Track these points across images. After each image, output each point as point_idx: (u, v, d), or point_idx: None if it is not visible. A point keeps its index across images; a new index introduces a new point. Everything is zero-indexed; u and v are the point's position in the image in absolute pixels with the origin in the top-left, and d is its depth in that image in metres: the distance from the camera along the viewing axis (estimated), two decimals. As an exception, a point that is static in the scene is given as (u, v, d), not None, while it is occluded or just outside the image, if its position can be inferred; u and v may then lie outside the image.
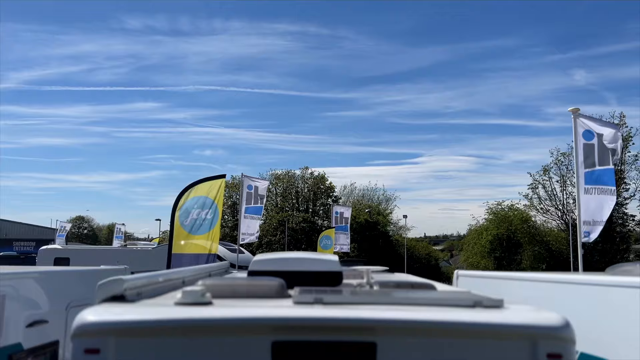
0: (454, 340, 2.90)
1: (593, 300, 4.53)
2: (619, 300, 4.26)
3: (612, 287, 4.38)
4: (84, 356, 2.81)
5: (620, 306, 4.23)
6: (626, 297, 4.16)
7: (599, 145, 10.16)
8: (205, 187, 12.85)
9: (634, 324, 4.00)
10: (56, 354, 5.67)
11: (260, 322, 2.91)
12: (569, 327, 2.93)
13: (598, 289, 4.52)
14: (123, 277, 3.22)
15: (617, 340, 4.23)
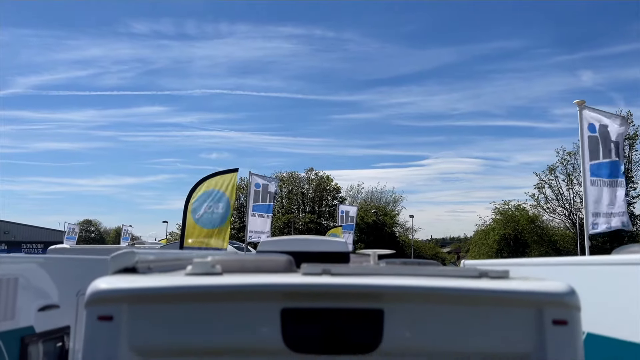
0: (460, 308, 2.94)
1: (599, 280, 4.55)
2: (625, 278, 4.29)
3: (617, 266, 4.40)
4: (98, 323, 2.87)
5: (626, 284, 4.26)
6: (631, 274, 4.19)
7: (603, 138, 10.18)
8: (218, 181, 12.98)
9: (639, 301, 4.02)
10: (67, 339, 5.75)
11: (270, 289, 2.97)
12: (574, 294, 2.96)
13: (604, 268, 4.54)
14: (135, 250, 3.28)
15: (623, 319, 4.25)
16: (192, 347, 2.90)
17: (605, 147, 10.23)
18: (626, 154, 10.57)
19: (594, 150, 10.17)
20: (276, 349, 2.89)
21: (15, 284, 4.77)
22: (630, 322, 4.14)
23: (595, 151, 10.18)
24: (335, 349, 2.90)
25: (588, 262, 4.82)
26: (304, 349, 2.89)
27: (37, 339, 5.12)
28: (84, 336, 2.89)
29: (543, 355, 2.89)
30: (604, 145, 10.20)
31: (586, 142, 10.13)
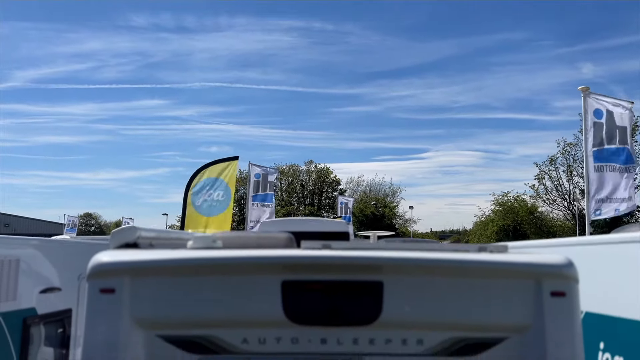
0: (459, 280, 2.96)
1: (597, 259, 4.57)
2: (622, 256, 4.32)
3: (615, 244, 4.43)
4: (99, 296, 2.89)
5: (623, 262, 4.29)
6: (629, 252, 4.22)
7: (608, 124, 10.19)
8: (218, 168, 13.02)
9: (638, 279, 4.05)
10: (69, 321, 5.79)
11: (270, 261, 2.99)
12: (573, 266, 2.98)
13: (601, 247, 4.57)
14: (136, 226, 3.30)
15: (622, 297, 4.29)
16: (194, 319, 2.92)
17: (610, 133, 10.25)
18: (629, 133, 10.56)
19: (598, 136, 10.19)
20: (277, 320, 2.91)
21: (16, 265, 4.79)
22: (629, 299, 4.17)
23: (599, 137, 10.19)
24: (336, 320, 2.93)
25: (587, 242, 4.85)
26: (305, 321, 2.91)
27: (39, 321, 5.15)
28: (86, 309, 2.91)
29: (541, 326, 2.91)
30: (608, 131, 10.21)
31: (590, 128, 10.13)
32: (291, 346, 2.93)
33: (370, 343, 2.94)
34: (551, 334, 2.90)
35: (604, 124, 10.25)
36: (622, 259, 4.34)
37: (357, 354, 2.93)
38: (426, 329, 2.94)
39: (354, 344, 2.94)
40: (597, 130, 10.23)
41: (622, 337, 4.18)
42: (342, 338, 2.94)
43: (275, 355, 2.92)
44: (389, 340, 2.94)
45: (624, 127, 10.32)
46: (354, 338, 2.94)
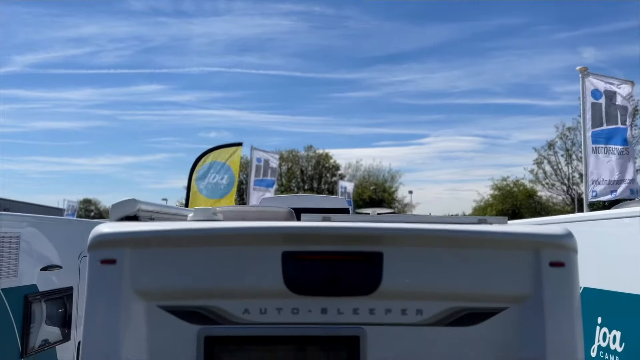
0: (459, 250, 2.97)
1: (594, 235, 4.59)
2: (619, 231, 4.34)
3: (612, 220, 4.45)
4: (101, 267, 2.90)
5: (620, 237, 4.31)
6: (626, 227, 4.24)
7: (607, 104, 10.16)
8: (222, 153, 13.08)
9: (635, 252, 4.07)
10: (70, 299, 5.82)
11: (271, 232, 2.99)
12: (572, 237, 2.99)
13: (598, 223, 4.59)
14: (136, 199, 3.30)
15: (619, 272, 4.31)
16: (195, 290, 2.93)
17: (609, 114, 10.22)
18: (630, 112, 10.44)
19: (597, 117, 10.16)
20: (278, 291, 2.92)
21: (17, 241, 4.81)
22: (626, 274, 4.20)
23: (598, 118, 10.16)
24: (336, 291, 2.94)
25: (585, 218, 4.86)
26: (305, 291, 2.93)
27: (40, 298, 5.18)
28: (87, 280, 2.92)
29: (540, 297, 2.93)
30: (608, 111, 10.18)
31: (589, 109, 10.10)
32: (292, 316, 2.95)
33: (370, 313, 2.96)
34: (550, 304, 2.92)
35: (603, 104, 10.22)
36: (618, 234, 4.36)
37: (357, 323, 2.95)
38: (426, 299, 2.96)
39: (354, 314, 2.95)
40: (596, 111, 10.19)
41: (619, 311, 4.21)
42: (342, 308, 2.95)
43: (276, 325, 2.94)
44: (389, 311, 2.96)
45: (623, 106, 10.29)
46: (354, 308, 2.96)
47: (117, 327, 2.85)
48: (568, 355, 2.90)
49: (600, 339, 4.40)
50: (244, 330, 2.93)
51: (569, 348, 2.91)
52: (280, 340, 2.95)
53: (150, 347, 2.89)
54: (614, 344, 4.22)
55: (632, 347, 4.03)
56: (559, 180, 43.17)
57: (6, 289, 4.67)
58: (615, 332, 4.22)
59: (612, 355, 4.24)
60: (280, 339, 2.95)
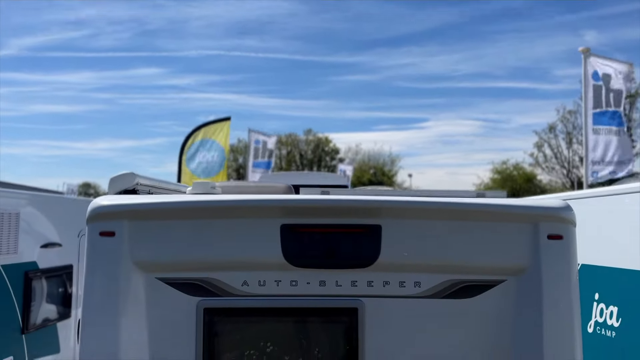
0: (457, 223, 2.98)
1: (591, 212, 4.60)
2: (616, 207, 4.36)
3: (607, 197, 4.46)
4: (100, 239, 2.91)
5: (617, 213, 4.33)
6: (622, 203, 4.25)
7: (606, 86, 10.12)
8: (211, 130, 13.01)
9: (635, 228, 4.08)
10: (70, 277, 5.85)
11: (270, 204, 3.00)
12: (570, 210, 2.99)
13: (595, 200, 4.60)
14: (135, 173, 3.30)
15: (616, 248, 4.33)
16: (194, 261, 2.94)
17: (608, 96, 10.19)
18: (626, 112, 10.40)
19: (597, 98, 10.13)
20: (276, 263, 2.94)
21: (16, 218, 4.82)
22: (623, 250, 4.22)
23: (598, 99, 10.14)
24: (334, 263, 2.96)
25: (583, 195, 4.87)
26: (303, 264, 2.94)
27: (40, 275, 5.20)
28: (86, 252, 2.93)
29: (538, 269, 2.94)
30: (607, 93, 10.15)
31: (590, 90, 10.08)
32: (290, 288, 2.96)
33: (369, 285, 2.97)
34: (548, 276, 2.93)
35: (603, 86, 10.19)
36: (615, 211, 4.38)
37: (355, 295, 2.97)
38: (424, 271, 2.97)
39: (352, 286, 2.97)
40: (596, 93, 10.17)
41: (616, 287, 4.23)
42: (340, 280, 2.97)
43: (275, 297, 2.96)
44: (387, 283, 2.97)
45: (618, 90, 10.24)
46: (352, 280, 2.97)
47: (117, 299, 2.86)
48: (565, 327, 2.92)
49: (598, 315, 4.43)
50: (243, 302, 2.95)
51: (566, 320, 2.93)
52: (279, 312, 2.98)
53: (149, 319, 2.91)
54: (611, 320, 4.25)
55: (628, 322, 4.06)
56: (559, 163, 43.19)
57: (6, 265, 4.69)
58: (612, 308, 4.25)
59: (608, 330, 4.27)
60: (279, 311, 2.98)
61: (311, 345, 3.02)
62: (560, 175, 43.76)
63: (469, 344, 2.96)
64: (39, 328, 5.18)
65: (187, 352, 2.91)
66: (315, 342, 3.01)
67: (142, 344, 2.89)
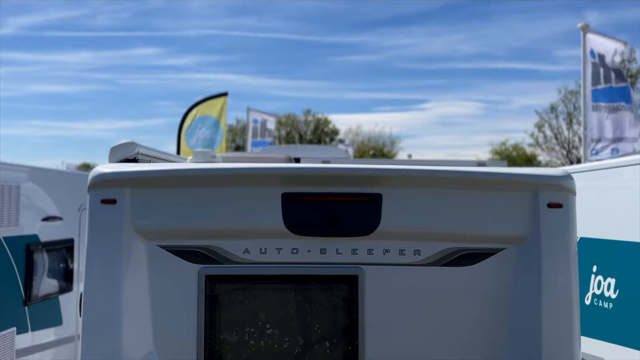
0: (457, 191, 2.99)
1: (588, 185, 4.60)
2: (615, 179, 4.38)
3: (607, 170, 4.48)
4: (101, 207, 2.92)
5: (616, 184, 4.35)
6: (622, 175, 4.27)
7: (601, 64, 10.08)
8: (208, 106, 13.00)
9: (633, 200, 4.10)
10: (71, 251, 5.89)
11: (271, 172, 3.01)
12: (570, 178, 3.01)
13: (591, 174, 4.61)
14: (135, 142, 3.30)
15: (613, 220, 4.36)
16: (195, 229, 2.96)
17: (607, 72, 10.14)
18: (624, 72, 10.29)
19: (596, 75, 10.08)
20: (277, 231, 2.96)
21: (17, 191, 4.83)
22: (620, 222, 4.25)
23: (597, 76, 10.09)
24: (334, 231, 2.98)
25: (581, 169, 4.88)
26: (304, 232, 2.96)
27: (42, 248, 5.23)
28: (87, 220, 2.94)
29: (537, 237, 2.97)
30: (606, 70, 10.11)
31: (589, 67, 10.03)
32: (291, 256, 2.99)
33: (369, 253, 3.00)
34: (547, 245, 2.95)
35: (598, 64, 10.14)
36: (613, 183, 4.39)
37: (355, 263, 2.99)
38: (424, 239, 3.00)
39: (352, 254, 3.00)
40: (595, 69, 10.12)
41: (614, 259, 4.27)
42: (341, 248, 2.99)
43: (276, 264, 2.99)
44: (387, 251, 3.00)
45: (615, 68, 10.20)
46: (352, 248, 3.00)
47: (119, 267, 2.88)
48: (564, 295, 2.95)
49: (595, 287, 4.47)
50: (244, 270, 2.98)
51: (565, 288, 2.96)
52: (280, 279, 3.01)
53: (151, 287, 2.93)
54: (608, 291, 4.29)
55: (625, 293, 4.11)
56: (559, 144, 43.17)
57: (7, 237, 4.72)
58: (610, 280, 4.29)
59: (606, 302, 4.32)
60: (280, 278, 3.00)
61: (311, 312, 3.05)
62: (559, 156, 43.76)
63: (468, 311, 2.99)
64: (41, 300, 5.23)
65: (189, 319, 2.94)
66: (316, 310, 3.04)
67: (144, 311, 2.92)
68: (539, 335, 2.90)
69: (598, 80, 10.12)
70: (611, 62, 10.11)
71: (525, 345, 2.93)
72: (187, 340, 2.92)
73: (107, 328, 2.84)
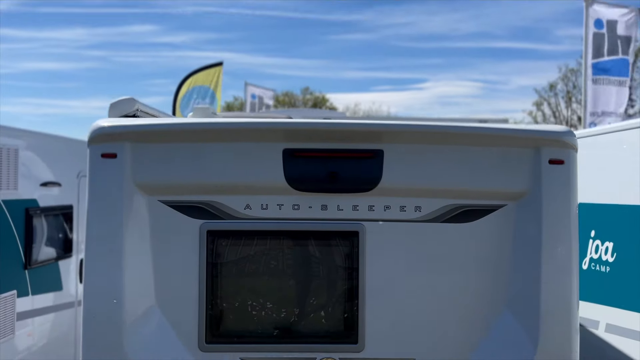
0: (459, 147, 2.99)
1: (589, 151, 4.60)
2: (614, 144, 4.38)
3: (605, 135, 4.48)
4: (101, 161, 2.90)
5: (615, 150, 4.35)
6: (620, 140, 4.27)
7: (609, 34, 9.98)
8: (203, 76, 12.94)
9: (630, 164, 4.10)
10: (71, 218, 5.88)
11: (273, 127, 3.00)
12: (572, 134, 3.00)
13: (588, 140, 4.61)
14: (135, 98, 3.28)
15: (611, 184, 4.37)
16: (197, 184, 2.95)
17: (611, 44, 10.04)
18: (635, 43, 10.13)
19: (599, 47, 9.99)
20: (279, 187, 2.95)
21: (15, 154, 4.81)
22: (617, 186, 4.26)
23: (600, 49, 9.99)
24: (336, 188, 2.98)
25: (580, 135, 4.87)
26: (306, 188, 2.96)
27: (40, 213, 5.23)
28: (88, 175, 2.93)
29: (538, 194, 2.97)
30: (610, 41, 10.00)
31: (590, 39, 9.94)
32: (292, 212, 2.99)
33: (370, 210, 3.00)
34: (548, 201, 2.96)
35: (605, 34, 10.04)
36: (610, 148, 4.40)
37: (356, 220, 3.00)
38: (424, 196, 3.00)
39: (353, 211, 3.00)
40: (598, 41, 10.02)
41: (612, 223, 4.29)
42: (342, 205, 3.00)
43: (277, 220, 2.99)
44: (388, 207, 3.00)
45: (626, 36, 10.11)
46: (353, 205, 3.00)
47: (119, 221, 2.88)
48: (564, 251, 2.97)
49: (593, 252, 4.50)
50: (245, 225, 2.99)
51: (565, 245, 2.97)
52: (281, 235, 3.01)
53: (152, 241, 2.94)
54: (606, 255, 4.32)
55: (622, 256, 4.14)
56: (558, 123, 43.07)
57: (7, 200, 4.71)
58: (607, 244, 4.32)
59: (603, 265, 4.35)
60: (281, 234, 3.01)
61: (312, 268, 3.07)
62: (557, 135, 43.61)
63: (468, 267, 3.01)
64: (40, 265, 5.24)
65: (191, 274, 2.95)
66: (317, 265, 3.06)
67: (146, 265, 2.93)
68: (538, 290, 2.92)
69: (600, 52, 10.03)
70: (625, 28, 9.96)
71: (524, 300, 2.95)
72: (188, 295, 2.94)
73: (109, 282, 2.85)
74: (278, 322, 3.01)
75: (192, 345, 2.92)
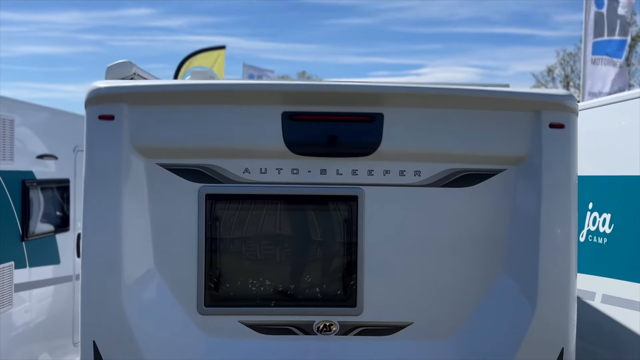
0: (459, 111, 2.97)
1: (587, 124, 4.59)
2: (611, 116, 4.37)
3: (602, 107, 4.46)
4: (99, 122, 2.88)
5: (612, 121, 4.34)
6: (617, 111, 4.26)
7: (609, 13, 9.92)
8: (204, 57, 12.81)
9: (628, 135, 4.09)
10: (67, 191, 5.86)
11: (272, 89, 2.97)
12: (572, 98, 2.99)
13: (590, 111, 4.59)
14: (132, 62, 3.24)
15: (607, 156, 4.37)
16: (195, 147, 2.93)
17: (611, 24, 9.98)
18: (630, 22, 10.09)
19: (599, 27, 9.92)
20: (278, 151, 2.94)
21: (11, 125, 4.77)
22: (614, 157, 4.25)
23: (600, 28, 9.93)
24: (335, 152, 2.96)
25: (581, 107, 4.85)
26: (305, 152, 2.94)
27: (37, 185, 5.20)
28: (85, 137, 2.91)
29: (538, 158, 2.96)
30: (610, 21, 9.94)
31: (591, 18, 9.87)
32: (291, 176, 2.98)
33: (369, 174, 2.99)
34: (548, 165, 2.95)
35: (605, 13, 9.98)
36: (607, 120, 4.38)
37: (355, 184, 2.99)
38: (424, 160, 2.99)
39: (352, 175, 2.99)
40: (598, 21, 9.95)
41: (610, 194, 4.29)
42: (341, 169, 2.99)
43: (276, 184, 2.98)
44: (387, 172, 2.99)
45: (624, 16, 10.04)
46: (353, 169, 2.99)
47: (117, 184, 2.86)
48: (563, 215, 2.97)
49: (590, 224, 4.50)
50: (244, 189, 2.97)
51: (564, 209, 2.97)
52: (280, 199, 3.00)
53: (151, 204, 2.92)
54: (603, 227, 4.33)
55: (620, 227, 4.14)
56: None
57: (3, 171, 4.68)
58: (605, 215, 4.32)
59: (600, 237, 4.36)
60: (280, 198, 3.00)
61: (311, 232, 3.06)
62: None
63: (467, 232, 3.01)
64: (38, 237, 5.23)
65: (189, 237, 2.95)
66: (316, 229, 3.06)
67: (144, 228, 2.92)
68: (536, 254, 2.93)
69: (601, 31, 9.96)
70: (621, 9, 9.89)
71: (523, 265, 2.96)
72: (187, 257, 2.94)
73: (107, 245, 2.84)
74: (277, 286, 3.02)
75: (191, 308, 2.93)
